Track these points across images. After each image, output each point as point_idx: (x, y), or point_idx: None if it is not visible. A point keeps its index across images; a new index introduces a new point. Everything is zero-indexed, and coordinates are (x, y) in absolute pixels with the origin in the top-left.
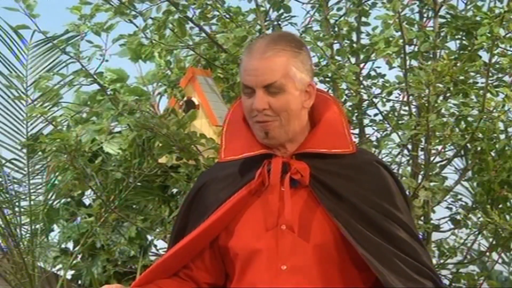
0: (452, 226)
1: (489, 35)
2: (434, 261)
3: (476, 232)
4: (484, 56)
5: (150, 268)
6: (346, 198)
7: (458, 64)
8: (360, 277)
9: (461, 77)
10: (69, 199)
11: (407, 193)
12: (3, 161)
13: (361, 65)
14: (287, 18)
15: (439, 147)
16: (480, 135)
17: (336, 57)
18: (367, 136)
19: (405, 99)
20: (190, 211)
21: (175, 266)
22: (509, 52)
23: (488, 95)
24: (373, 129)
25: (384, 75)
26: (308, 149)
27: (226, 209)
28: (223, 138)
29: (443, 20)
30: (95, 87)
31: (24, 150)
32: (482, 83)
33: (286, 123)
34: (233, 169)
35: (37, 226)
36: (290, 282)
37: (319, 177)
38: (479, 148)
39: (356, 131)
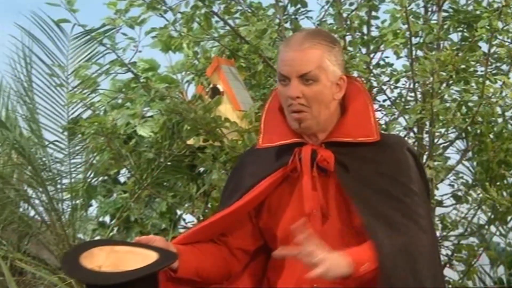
0: (454, 202)
1: (488, 27)
2: (438, 233)
3: (476, 207)
4: (484, 46)
5: (189, 231)
6: (369, 181)
7: (460, 54)
8: None
9: (463, 66)
10: (106, 177)
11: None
12: (46, 143)
13: (371, 55)
14: (304, 12)
15: (442, 130)
16: (480, 119)
17: (348, 48)
18: (377, 119)
19: (411, 86)
20: (227, 189)
21: (213, 232)
22: (507, 43)
23: (487, 82)
24: (382, 113)
25: (392, 64)
26: (336, 138)
27: (261, 190)
28: (262, 125)
29: (446, 14)
30: (129, 75)
31: (65, 133)
32: (481, 71)
33: (317, 114)
34: (269, 155)
35: (77, 201)
36: None
37: (345, 164)
38: (478, 131)
39: None
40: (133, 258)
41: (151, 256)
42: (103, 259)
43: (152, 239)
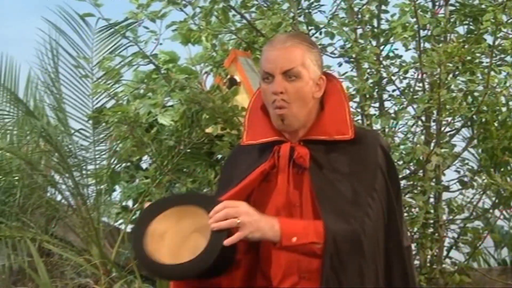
0: (460, 187)
1: (493, 20)
2: (444, 217)
3: (481, 192)
4: (489, 39)
5: None
6: (337, 178)
7: (466, 46)
8: None
9: (468, 58)
10: (128, 164)
11: (420, 158)
12: (72, 131)
13: (381, 47)
14: (317, 6)
15: (449, 119)
16: (485, 108)
17: (359, 40)
18: (386, 109)
19: (419, 77)
20: (219, 185)
21: None
22: (511, 36)
23: (492, 73)
24: (392, 103)
25: (401, 56)
26: (313, 136)
27: (243, 185)
28: (245, 124)
29: (452, 8)
30: (151, 67)
31: (90, 121)
32: (486, 62)
33: (297, 112)
34: (253, 152)
35: (102, 186)
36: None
37: (319, 161)
38: (483, 119)
39: (377, 104)
40: (196, 239)
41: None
42: (169, 241)
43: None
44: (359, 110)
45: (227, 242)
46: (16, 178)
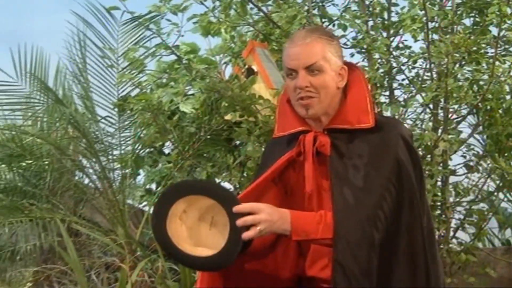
0: (466, 171)
1: (498, 13)
2: (451, 199)
3: (486, 176)
4: (494, 30)
5: None
6: (356, 166)
7: (472, 37)
8: None
9: (474, 48)
10: (152, 149)
11: (428, 144)
12: (99, 118)
13: (391, 39)
14: (330, 0)
15: (456, 106)
16: (490, 96)
17: (371, 32)
18: (396, 97)
19: (428, 66)
20: (257, 173)
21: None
22: None
23: (497, 63)
24: (401, 91)
25: (410, 46)
26: (335, 125)
27: (273, 169)
28: (277, 117)
29: (459, 1)
30: (173, 57)
31: (116, 109)
32: (491, 53)
33: (324, 99)
34: (283, 142)
35: (126, 170)
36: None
37: (340, 149)
38: (489, 107)
39: (387, 93)
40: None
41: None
42: (185, 235)
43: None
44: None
45: (245, 236)
46: (46, 162)
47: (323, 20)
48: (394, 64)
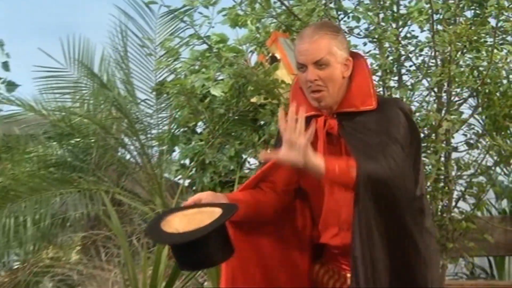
0: (466, 148)
1: (496, 6)
2: (453, 173)
3: (485, 152)
4: (492, 21)
5: (243, 185)
6: (365, 139)
7: (473, 28)
8: None
9: (475, 37)
10: (186, 128)
11: (433, 123)
12: (139, 101)
13: (400, 29)
14: None
15: (458, 90)
16: (489, 80)
17: (381, 23)
18: (404, 82)
19: (433, 54)
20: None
21: (260, 180)
22: (511, 18)
23: (495, 51)
24: (409, 76)
25: (417, 36)
26: (343, 109)
27: None
28: (290, 102)
29: None
30: (204, 46)
31: (154, 93)
32: (490, 42)
33: (332, 90)
34: None
35: (163, 147)
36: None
37: (349, 129)
38: (487, 90)
39: (396, 78)
40: (201, 217)
41: (216, 212)
42: (178, 223)
43: (198, 198)
44: (381, 83)
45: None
46: (92, 140)
47: (339, 12)
48: (403, 52)
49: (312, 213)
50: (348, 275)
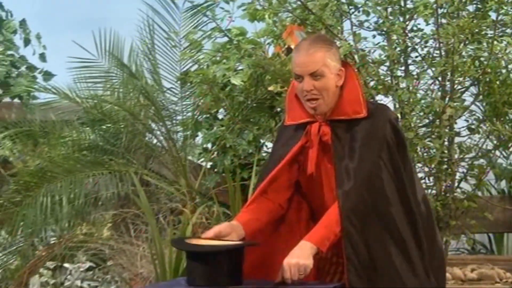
0: (468, 133)
1: (496, 0)
2: (456, 156)
3: (485, 137)
4: (493, 15)
5: (249, 200)
6: (353, 148)
7: (474, 21)
8: None
9: (476, 30)
10: (208, 115)
11: (437, 110)
12: (165, 89)
13: (407, 22)
14: None
15: (460, 79)
16: (489, 70)
17: (390, 17)
18: (410, 71)
19: (437, 45)
20: (270, 158)
21: (266, 191)
22: (511, 12)
23: (495, 42)
24: (415, 66)
25: (423, 29)
26: (336, 116)
27: (287, 159)
28: (287, 108)
29: None
30: (225, 39)
31: (178, 82)
32: (491, 34)
33: (327, 98)
34: (292, 129)
35: (187, 132)
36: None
37: (339, 135)
38: (488, 79)
39: (403, 68)
40: (221, 242)
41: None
42: (199, 242)
43: (218, 230)
44: (389, 72)
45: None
46: (122, 126)
47: (350, 7)
48: (409, 44)
49: (310, 204)
50: (340, 260)
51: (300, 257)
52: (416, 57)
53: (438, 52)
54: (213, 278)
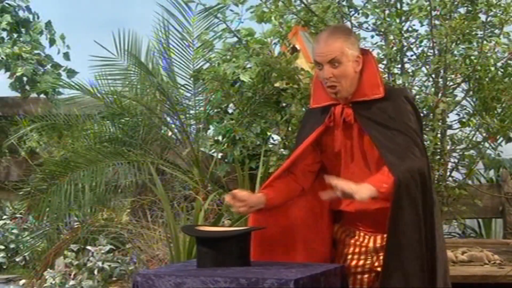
0: (459, 126)
1: (485, 3)
2: (448, 147)
3: (475, 129)
4: (482, 17)
5: (275, 173)
6: (381, 123)
7: (465, 22)
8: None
9: (467, 31)
10: (219, 109)
11: (431, 104)
12: (179, 85)
13: (403, 24)
14: None
15: (452, 76)
16: (479, 68)
17: (387, 19)
18: (406, 69)
19: (431, 45)
20: (297, 137)
21: (292, 165)
22: (499, 14)
23: (484, 42)
24: (410, 64)
25: (417, 30)
26: (357, 98)
27: (313, 136)
28: (312, 92)
29: None
30: (235, 39)
31: (192, 79)
32: (481, 34)
33: (345, 85)
34: (318, 112)
35: (200, 126)
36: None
37: (364, 114)
38: (478, 76)
39: (399, 66)
40: (228, 229)
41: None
42: (208, 229)
43: (240, 193)
44: (386, 70)
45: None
46: (140, 119)
47: (350, 9)
48: (405, 44)
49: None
50: (362, 233)
51: (359, 187)
52: (412, 55)
53: (431, 51)
54: (222, 261)
